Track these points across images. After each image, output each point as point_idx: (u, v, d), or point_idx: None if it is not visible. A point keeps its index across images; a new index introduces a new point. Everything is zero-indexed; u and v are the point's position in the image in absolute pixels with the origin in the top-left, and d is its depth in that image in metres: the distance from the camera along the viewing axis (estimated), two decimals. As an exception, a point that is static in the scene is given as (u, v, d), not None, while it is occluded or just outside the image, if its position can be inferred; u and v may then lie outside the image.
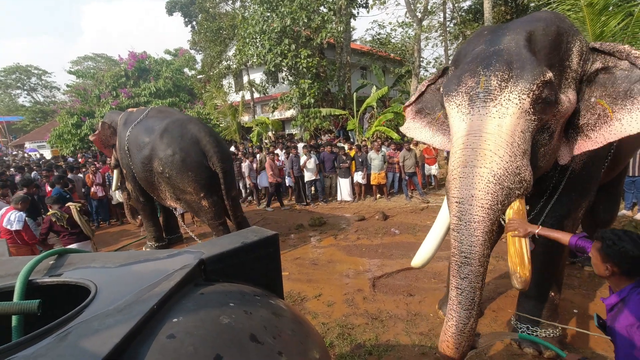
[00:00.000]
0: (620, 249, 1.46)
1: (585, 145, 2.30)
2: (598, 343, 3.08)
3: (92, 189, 8.63)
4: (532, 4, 14.82)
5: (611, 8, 7.98)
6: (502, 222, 2.12)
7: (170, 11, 21.21)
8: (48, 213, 4.55)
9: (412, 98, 3.29)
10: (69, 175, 8.32)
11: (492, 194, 1.87)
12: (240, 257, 1.39)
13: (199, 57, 22.22)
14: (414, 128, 3.27)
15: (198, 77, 20.83)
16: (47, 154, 20.80)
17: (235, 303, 1.05)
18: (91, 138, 6.98)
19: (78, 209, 4.60)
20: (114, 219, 9.43)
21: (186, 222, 8.35)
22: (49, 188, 7.31)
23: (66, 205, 4.68)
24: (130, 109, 6.58)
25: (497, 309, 3.73)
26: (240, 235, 1.51)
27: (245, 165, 9.86)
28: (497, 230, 2.07)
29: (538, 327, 2.97)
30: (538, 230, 1.97)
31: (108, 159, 7.96)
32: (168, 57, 20.87)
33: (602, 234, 1.57)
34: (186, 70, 20.81)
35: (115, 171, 7.09)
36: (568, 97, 2.21)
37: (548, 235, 1.97)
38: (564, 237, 1.91)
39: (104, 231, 8.66)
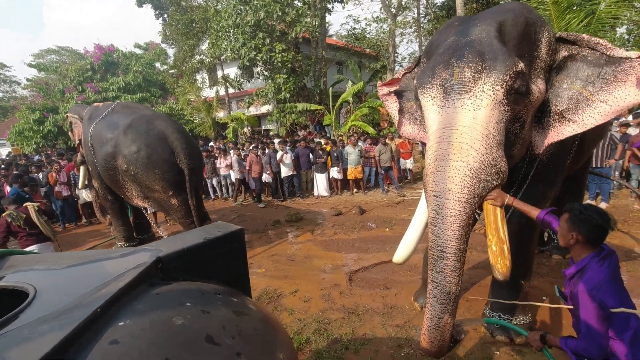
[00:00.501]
0: (586, 218, 1.61)
1: (572, 129, 2.32)
2: (565, 329, 3.18)
3: (56, 188, 8.19)
4: (502, 2, 15.23)
5: (575, 7, 8.28)
6: (476, 216, 2.12)
7: (140, 3, 20.41)
8: (4, 214, 4.26)
9: (388, 79, 3.29)
10: (38, 174, 7.88)
11: (468, 187, 1.87)
12: (202, 253, 1.31)
13: (170, 51, 21.56)
14: (390, 105, 3.27)
15: (170, 71, 20.19)
16: (5, 152, 19.64)
17: (193, 302, 0.98)
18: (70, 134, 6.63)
19: (36, 208, 4.33)
20: (82, 219, 9.00)
21: (159, 221, 8.10)
22: (8, 188, 6.87)
23: (24, 205, 4.39)
24: (96, 104, 6.27)
25: (471, 299, 3.79)
26: (203, 231, 1.43)
27: (234, 160, 9.62)
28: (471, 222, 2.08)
29: (509, 314, 3.04)
30: (512, 201, 2.02)
31: (74, 156, 7.58)
32: (138, 51, 20.10)
33: (570, 206, 1.71)
34: (157, 64, 20.11)
35: (81, 168, 6.74)
36: (538, 86, 2.24)
37: (520, 207, 2.06)
38: (533, 212, 2.01)
39: (71, 232, 8.26)
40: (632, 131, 7.01)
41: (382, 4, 15.62)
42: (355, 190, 9.62)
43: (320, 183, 9.55)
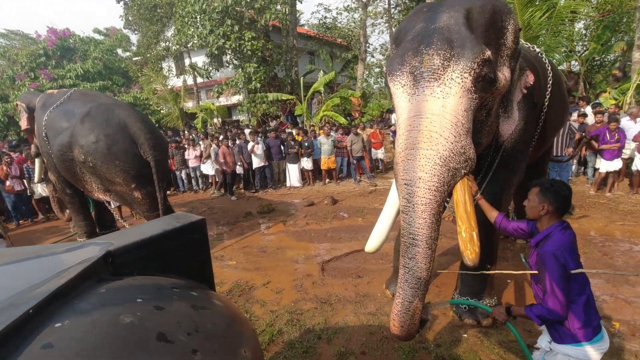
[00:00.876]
0: (556, 189, 1.82)
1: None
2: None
3: (7, 183, 7.62)
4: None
5: (537, 1, 8.57)
6: (446, 204, 2.13)
7: (97, -16, 19.16)
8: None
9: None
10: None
11: (438, 176, 1.87)
12: (159, 246, 1.21)
13: (134, 38, 20.48)
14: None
15: (134, 59, 19.20)
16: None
17: (145, 298, 0.90)
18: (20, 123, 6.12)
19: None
20: (38, 215, 8.46)
21: (125, 215, 7.74)
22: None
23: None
24: (50, 91, 5.80)
25: (440, 284, 3.89)
26: (161, 222, 1.33)
27: (212, 151, 9.28)
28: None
29: (477, 298, 3.13)
30: (479, 199, 2.14)
31: (25, 148, 7.03)
32: (97, 37, 18.92)
33: (538, 181, 1.90)
34: (119, 51, 19.04)
35: (36, 161, 6.27)
36: (504, 74, 2.26)
37: (482, 206, 2.19)
38: (491, 213, 2.20)
39: (26, 229, 7.74)
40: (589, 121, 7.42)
41: (353, -7, 15.53)
42: (327, 180, 9.61)
43: (293, 174, 9.46)
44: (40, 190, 7.92)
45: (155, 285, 1.02)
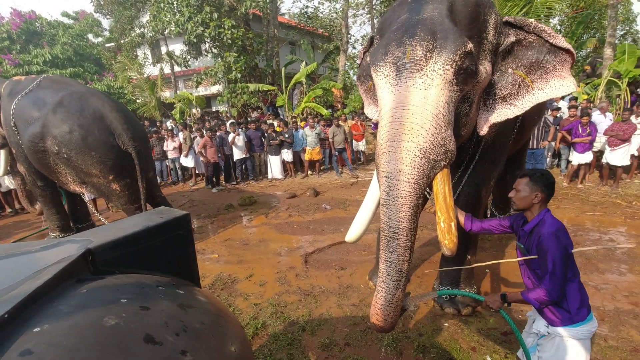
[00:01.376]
0: (546, 177, 1.89)
1: (512, 111, 2.45)
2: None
3: (-28, 175, 7.19)
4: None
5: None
6: (427, 195, 2.15)
7: (66, -35, 18.17)
8: None
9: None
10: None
11: (418, 168, 1.87)
12: (142, 242, 1.17)
13: (105, 23, 19.61)
14: (362, 95, 3.30)
15: (106, 45, 18.40)
16: None
17: (129, 298, 0.86)
18: None
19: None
20: (5, 209, 8.06)
21: (100, 208, 7.48)
22: None
23: None
24: (17, 77, 5.45)
25: (422, 274, 3.96)
26: (144, 218, 1.28)
27: (195, 142, 9.03)
28: (422, 202, 2.11)
29: (457, 287, 3.21)
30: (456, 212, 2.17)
31: None
32: (66, 21, 17.99)
33: (526, 172, 1.94)
34: (90, 36, 18.20)
35: (1, 152, 5.92)
36: (485, 68, 2.29)
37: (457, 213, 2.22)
38: (459, 217, 2.24)
39: (-7, 224, 7.37)
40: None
41: (335, -17, 15.36)
42: (310, 172, 9.59)
43: (275, 166, 9.38)
44: (8, 182, 7.52)
45: (139, 284, 0.98)
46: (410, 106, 1.96)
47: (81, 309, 0.78)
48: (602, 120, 7.02)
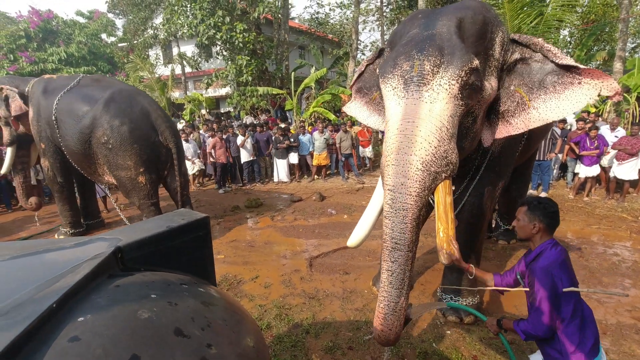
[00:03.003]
0: (544, 206, 1.83)
1: (507, 130, 2.49)
2: (508, 308, 3.47)
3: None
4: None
5: (526, 8, 8.78)
6: (431, 202, 2.21)
7: (83, -34, 18.53)
8: None
9: (354, 78, 3.32)
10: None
11: (420, 181, 1.93)
12: (165, 242, 1.25)
13: (119, 23, 19.94)
14: (354, 107, 3.31)
15: (119, 45, 18.70)
16: None
17: (158, 294, 0.93)
18: None
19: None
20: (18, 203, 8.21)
21: (109, 207, 7.62)
22: None
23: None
24: (47, 76, 5.72)
25: (425, 282, 4.01)
26: (166, 219, 1.36)
27: (189, 147, 9.04)
28: (426, 209, 2.17)
29: (460, 296, 3.25)
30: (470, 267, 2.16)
31: None
32: (81, 20, 18.32)
33: (525, 200, 1.90)
34: (104, 36, 18.51)
35: (9, 149, 6.03)
36: (491, 84, 2.35)
37: (478, 275, 2.23)
38: (486, 277, 2.21)
39: (2, 218, 7.53)
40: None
41: (346, -11, 15.50)
42: (316, 176, 9.67)
43: (281, 169, 9.47)
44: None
45: (165, 282, 1.05)
46: (416, 118, 2.03)
47: (117, 302, 0.85)
48: (609, 135, 7.02)
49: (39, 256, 1.07)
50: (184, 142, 8.97)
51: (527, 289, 1.83)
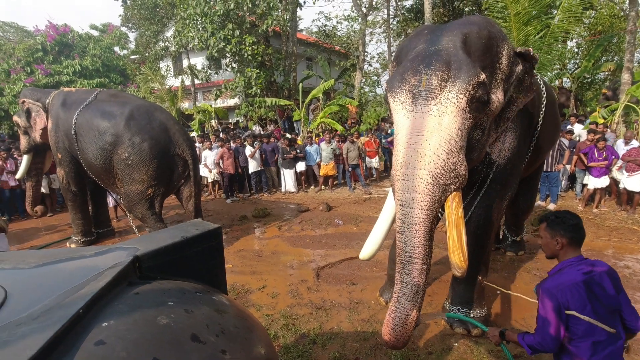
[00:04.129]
0: (562, 220, 1.75)
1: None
2: (516, 321, 3.45)
3: (2, 178, 7.57)
4: (467, 9, 15.89)
5: (533, 20, 8.84)
6: (439, 215, 2.24)
7: (98, -18, 19.12)
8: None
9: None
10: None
11: (430, 195, 1.97)
12: (180, 252, 1.30)
13: (132, 36, 20.47)
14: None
15: (131, 57, 19.17)
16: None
17: (175, 301, 0.98)
18: (15, 119, 6.18)
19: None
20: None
21: (119, 215, 7.75)
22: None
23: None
24: (66, 89, 5.92)
25: (432, 293, 4.00)
26: (180, 229, 1.41)
27: (211, 155, 9.19)
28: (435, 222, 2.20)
29: (468, 308, 3.24)
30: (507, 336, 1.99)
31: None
32: (95, 33, 18.86)
33: (544, 216, 1.84)
34: (117, 49, 19.01)
35: (25, 157, 6.28)
36: (497, 96, 2.39)
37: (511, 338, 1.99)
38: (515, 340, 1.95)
39: (16, 225, 7.68)
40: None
41: (354, 3, 15.78)
42: (323, 187, 9.71)
43: (288, 179, 9.54)
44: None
45: (180, 289, 1.10)
46: (424, 132, 2.07)
47: (137, 308, 0.90)
48: (622, 148, 6.97)
49: (63, 264, 1.13)
50: (207, 150, 9.15)
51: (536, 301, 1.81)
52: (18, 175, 6.74)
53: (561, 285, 1.66)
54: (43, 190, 7.93)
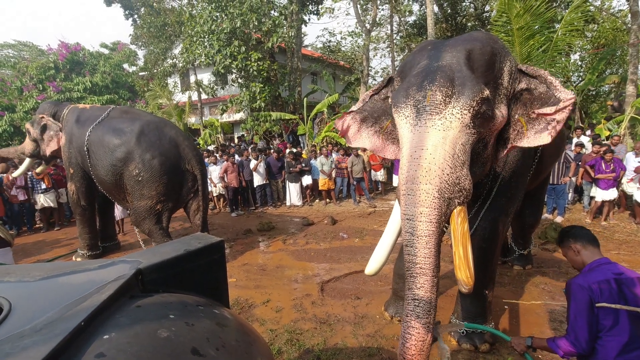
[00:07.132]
0: (565, 231, 1.99)
1: (503, 152, 2.54)
2: (524, 334, 3.37)
3: (12, 192, 7.69)
4: (469, 24, 16.10)
5: (536, 35, 8.94)
6: (444, 229, 2.23)
7: (109, 2, 19.76)
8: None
9: (355, 106, 3.23)
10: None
11: (437, 208, 1.97)
12: (182, 265, 1.31)
13: (140, 53, 20.97)
14: (364, 137, 3.21)
15: (140, 74, 19.60)
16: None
17: (176, 315, 0.99)
18: (27, 126, 6.33)
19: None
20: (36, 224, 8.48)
21: (125, 230, 7.80)
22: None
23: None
24: (81, 105, 6.05)
25: (438, 308, 3.89)
26: (183, 243, 1.43)
27: (216, 169, 9.26)
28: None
29: (474, 322, 3.18)
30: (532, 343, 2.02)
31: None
32: (105, 51, 19.37)
33: (556, 242, 2.03)
34: (126, 66, 19.47)
35: (27, 160, 6.53)
36: (501, 112, 2.40)
37: (539, 346, 2.02)
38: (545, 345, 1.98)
39: (23, 238, 7.75)
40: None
41: (357, 19, 16.06)
42: (327, 200, 9.71)
43: (293, 192, 9.56)
44: (43, 200, 7.99)
45: (181, 303, 1.11)
46: (429, 146, 2.08)
47: (138, 321, 0.91)
48: (633, 161, 6.88)
49: (67, 277, 1.15)
50: (212, 165, 9.23)
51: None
52: (15, 174, 7.01)
53: (592, 280, 1.72)
54: (51, 204, 8.07)
